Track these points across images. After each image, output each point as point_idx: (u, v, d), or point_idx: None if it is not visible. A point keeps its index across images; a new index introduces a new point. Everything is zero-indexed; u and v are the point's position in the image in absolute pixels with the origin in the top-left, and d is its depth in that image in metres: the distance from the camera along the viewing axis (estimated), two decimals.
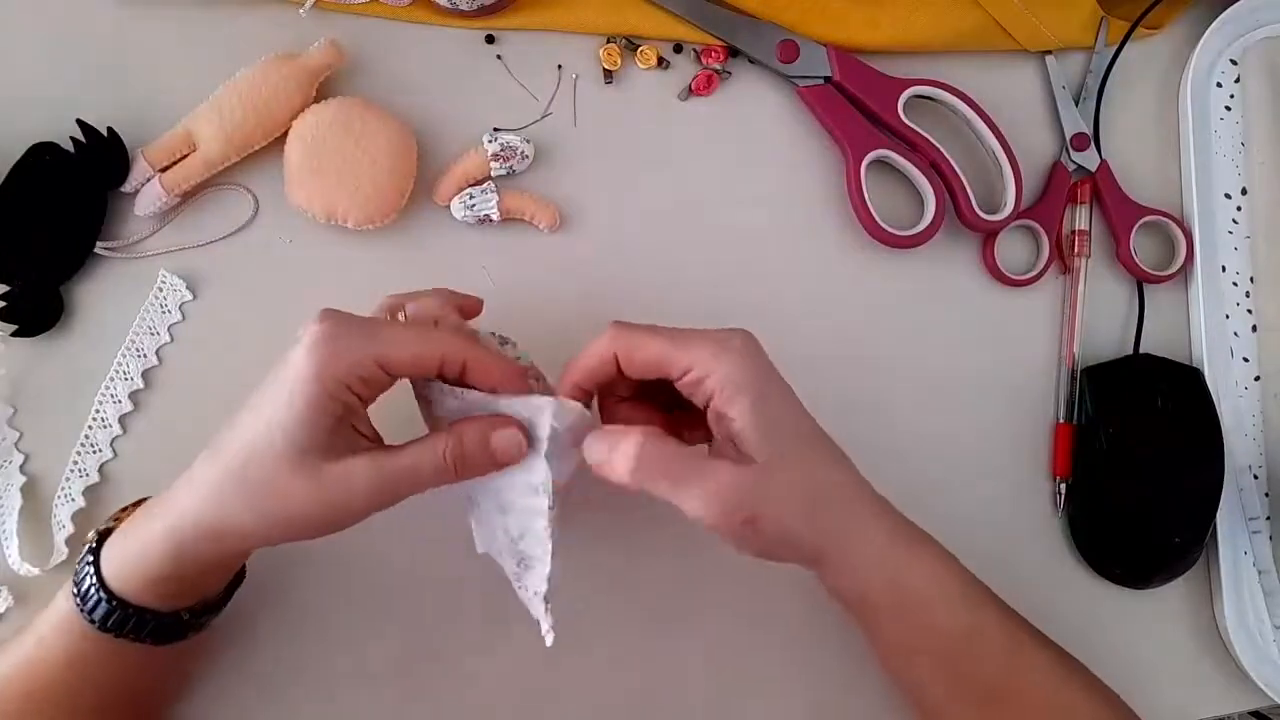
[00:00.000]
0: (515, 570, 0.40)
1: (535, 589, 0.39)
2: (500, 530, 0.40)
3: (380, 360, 0.35)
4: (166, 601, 0.36)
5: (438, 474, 0.36)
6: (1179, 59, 0.57)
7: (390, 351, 0.35)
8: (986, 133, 0.52)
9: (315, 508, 0.34)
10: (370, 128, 0.46)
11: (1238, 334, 0.54)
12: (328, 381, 0.34)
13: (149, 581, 0.35)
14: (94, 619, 0.35)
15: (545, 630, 0.39)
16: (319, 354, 0.34)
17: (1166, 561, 0.50)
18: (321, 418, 0.34)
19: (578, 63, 0.51)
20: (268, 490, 0.34)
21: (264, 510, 0.34)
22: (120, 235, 0.47)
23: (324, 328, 0.35)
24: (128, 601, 0.35)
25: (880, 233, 0.51)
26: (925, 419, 0.52)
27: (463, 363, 0.36)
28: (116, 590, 0.35)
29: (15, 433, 0.45)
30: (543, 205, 0.49)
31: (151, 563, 0.35)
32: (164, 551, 0.35)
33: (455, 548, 0.46)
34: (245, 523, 0.35)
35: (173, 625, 0.37)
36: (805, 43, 0.52)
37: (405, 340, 0.36)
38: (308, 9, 0.48)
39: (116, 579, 0.35)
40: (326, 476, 0.34)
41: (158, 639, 0.37)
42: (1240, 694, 0.51)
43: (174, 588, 0.36)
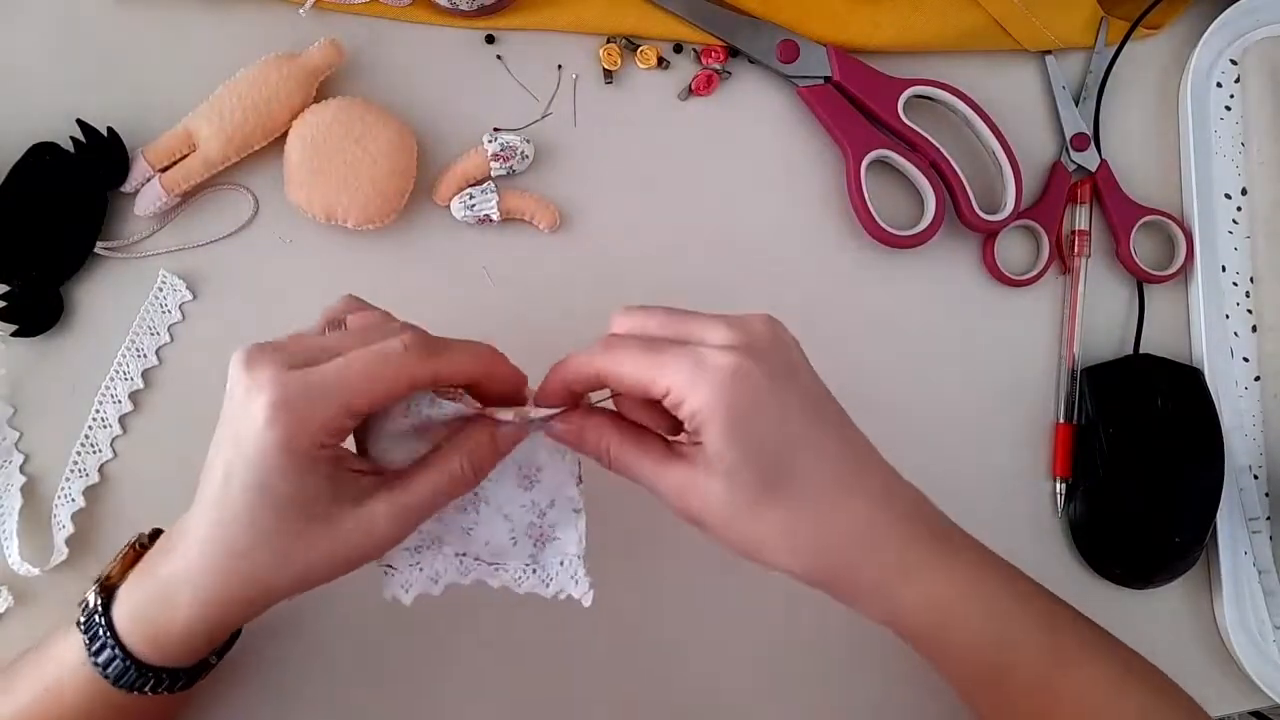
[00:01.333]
0: (532, 552, 0.40)
1: (562, 556, 0.39)
2: (527, 510, 0.39)
3: (348, 409, 0.33)
4: (185, 660, 0.36)
5: (456, 489, 0.36)
6: (1179, 59, 0.57)
7: (351, 396, 0.33)
8: (986, 133, 0.52)
9: (342, 555, 0.34)
10: (370, 128, 0.46)
11: (1238, 334, 0.54)
12: (301, 447, 0.32)
13: (186, 651, 0.35)
14: (109, 675, 0.35)
15: (585, 592, 0.39)
16: (283, 426, 0.32)
17: (1166, 561, 0.50)
18: (309, 478, 0.33)
19: (578, 63, 0.51)
20: (290, 556, 0.34)
21: (290, 572, 0.34)
22: (120, 235, 0.47)
23: (277, 394, 0.32)
24: (158, 667, 0.35)
25: (880, 233, 0.51)
26: (925, 419, 0.52)
27: (431, 378, 0.35)
28: (138, 654, 0.35)
29: (15, 433, 0.45)
30: (543, 205, 0.49)
31: (186, 637, 0.35)
32: (199, 628, 0.35)
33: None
34: (274, 585, 0.34)
35: (200, 672, 0.37)
36: (805, 43, 0.52)
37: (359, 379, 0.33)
38: (308, 9, 0.48)
39: (144, 649, 0.35)
40: (343, 527, 0.34)
41: (186, 686, 0.37)
42: (1240, 694, 0.51)
43: (190, 647, 0.36)
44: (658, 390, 0.34)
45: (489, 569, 0.40)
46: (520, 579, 0.40)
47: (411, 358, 0.34)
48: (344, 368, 0.33)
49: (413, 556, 0.40)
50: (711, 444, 0.34)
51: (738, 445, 0.33)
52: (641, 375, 0.34)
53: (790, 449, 0.35)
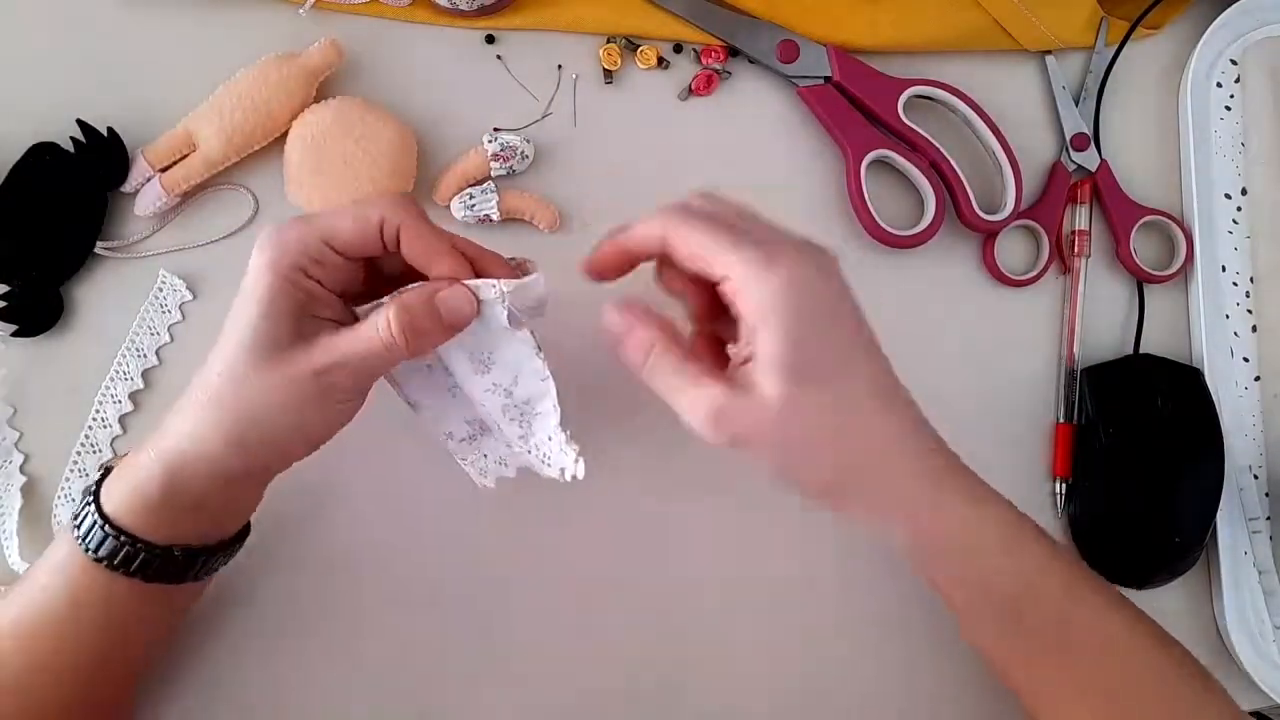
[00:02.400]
0: (521, 434, 0.40)
1: (549, 431, 0.39)
2: (492, 393, 0.39)
3: (325, 237, 0.36)
4: (163, 532, 0.36)
5: (386, 349, 0.36)
6: (1179, 59, 0.57)
7: (332, 225, 0.36)
8: (986, 133, 0.52)
9: (288, 400, 0.35)
10: (370, 128, 0.46)
11: (1238, 334, 0.54)
12: (281, 269, 0.35)
13: (145, 507, 0.36)
14: (90, 548, 0.35)
15: (574, 463, 0.39)
16: (267, 248, 0.36)
17: (1166, 561, 0.50)
18: (281, 307, 0.35)
19: (578, 63, 0.51)
20: (244, 393, 0.35)
21: (242, 414, 0.35)
22: (120, 235, 0.47)
23: (273, 226, 0.36)
24: (122, 528, 0.36)
25: (880, 233, 0.51)
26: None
27: (397, 227, 0.36)
28: (114, 517, 0.36)
29: (15, 433, 0.45)
30: (543, 205, 0.49)
31: (146, 489, 0.36)
32: (157, 477, 0.35)
33: (454, 545, 0.46)
34: (230, 433, 0.35)
35: (165, 561, 0.37)
36: (805, 43, 0.52)
37: (344, 212, 0.36)
38: (308, 9, 0.48)
39: (114, 509, 0.36)
40: (292, 364, 0.35)
41: (148, 572, 0.36)
42: (1240, 694, 0.51)
43: (169, 515, 0.36)
44: (719, 269, 0.35)
45: (513, 453, 0.42)
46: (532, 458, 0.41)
47: (389, 202, 0.36)
48: (331, 209, 0.37)
49: (474, 445, 0.42)
50: (768, 345, 0.34)
51: (796, 349, 0.34)
52: (709, 249, 0.35)
53: (841, 355, 0.36)
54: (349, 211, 0.36)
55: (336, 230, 0.36)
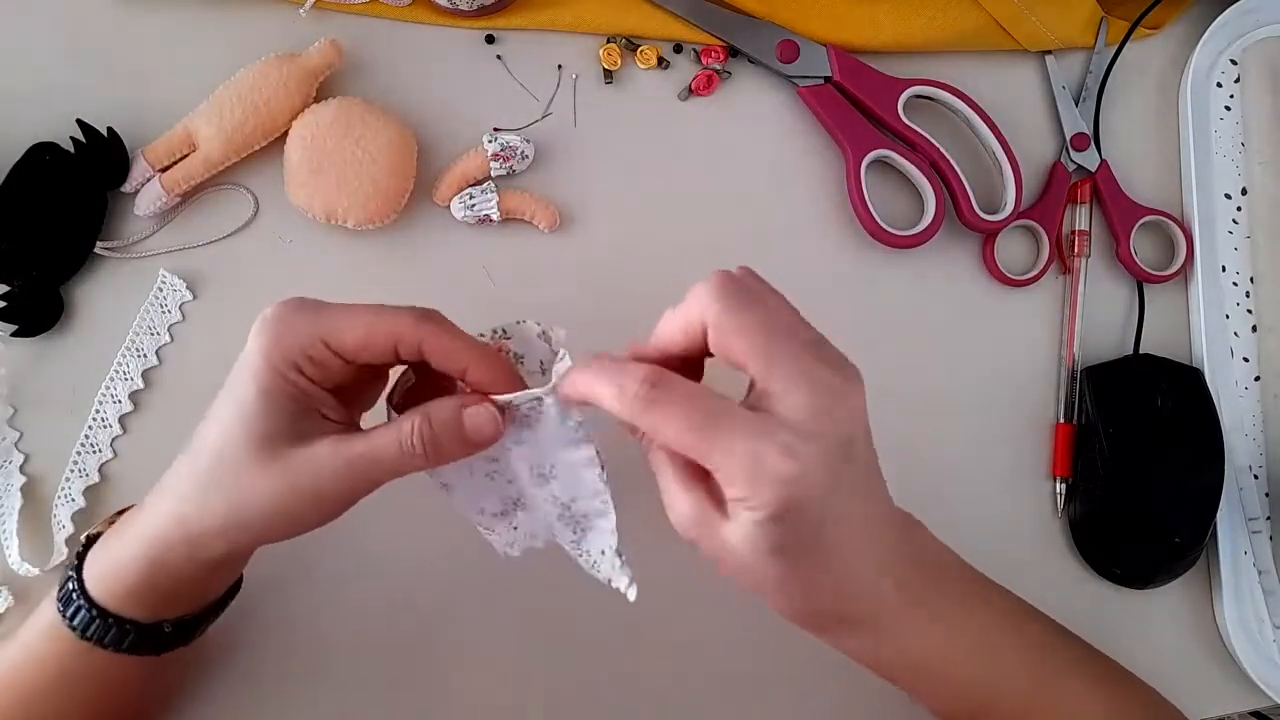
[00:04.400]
0: (574, 539, 0.39)
1: (603, 546, 0.38)
2: (547, 503, 0.38)
3: (327, 338, 0.33)
4: (147, 612, 0.35)
5: (407, 458, 0.34)
6: (1179, 59, 0.57)
7: (337, 327, 0.33)
8: (986, 133, 0.52)
9: (282, 498, 0.33)
10: (370, 128, 0.46)
11: (1238, 334, 0.54)
12: (276, 363, 0.33)
13: (127, 591, 0.34)
14: (74, 626, 0.35)
15: (627, 586, 0.37)
16: (265, 336, 0.33)
17: (1166, 561, 0.50)
18: (277, 402, 0.33)
19: (578, 63, 0.51)
20: (234, 483, 0.33)
21: (232, 504, 0.33)
22: (120, 235, 0.47)
23: (273, 311, 0.34)
24: (107, 611, 0.34)
25: (880, 233, 0.51)
26: (925, 419, 0.52)
27: (418, 344, 0.34)
28: (97, 598, 0.34)
29: (15, 433, 0.45)
30: (543, 205, 0.49)
31: (128, 571, 0.34)
32: (139, 559, 0.34)
33: (451, 549, 0.46)
34: (215, 522, 0.33)
35: (154, 637, 0.36)
36: (805, 43, 0.52)
37: (354, 317, 0.34)
38: (308, 9, 0.48)
39: (98, 587, 0.35)
40: (290, 463, 0.33)
41: (138, 650, 0.36)
42: (1240, 694, 0.51)
43: (152, 597, 0.35)
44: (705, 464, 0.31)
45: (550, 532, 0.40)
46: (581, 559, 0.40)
47: (408, 316, 0.34)
48: (345, 307, 0.34)
49: (506, 520, 0.40)
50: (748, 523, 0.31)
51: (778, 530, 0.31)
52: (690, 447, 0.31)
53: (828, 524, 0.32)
54: (361, 316, 0.34)
55: (342, 334, 0.33)
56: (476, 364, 0.35)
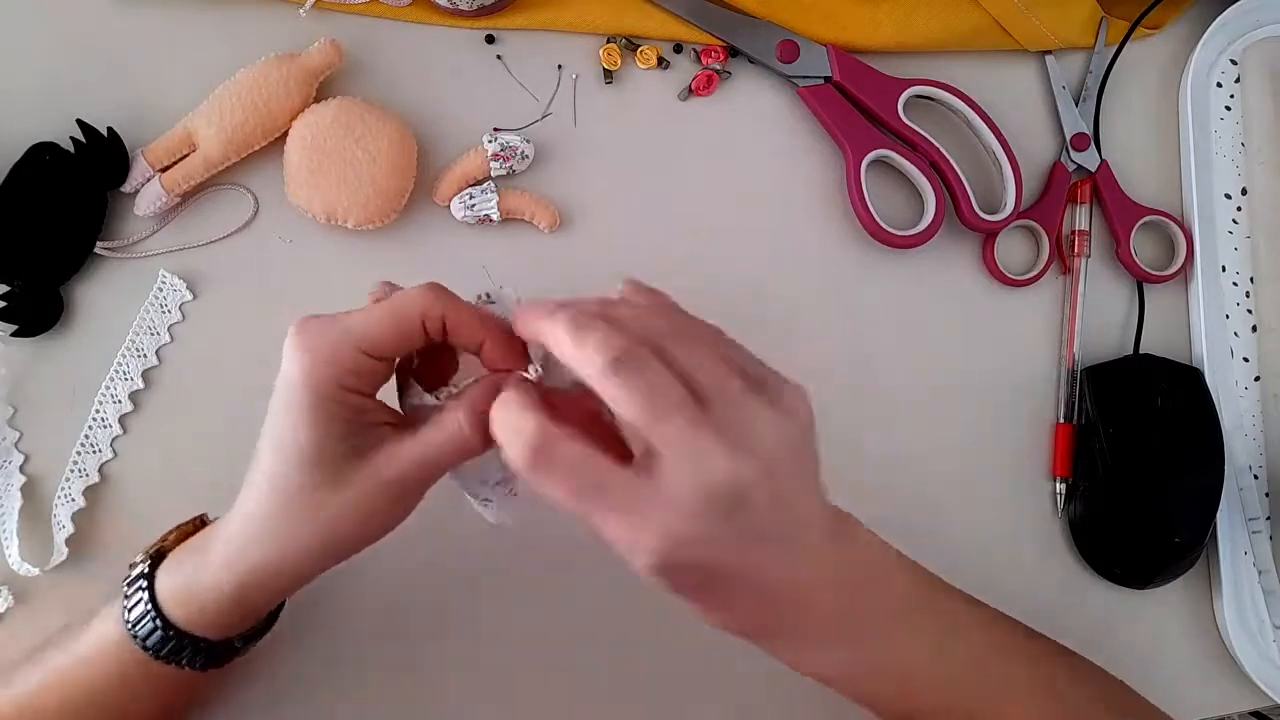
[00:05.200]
0: None
1: None
2: None
3: (362, 346, 0.34)
4: (220, 631, 0.36)
5: (466, 445, 0.34)
6: (1179, 59, 0.57)
7: (368, 333, 0.34)
8: (986, 133, 0.52)
9: (361, 511, 0.34)
10: (370, 128, 0.46)
11: (1238, 334, 0.54)
12: (321, 384, 0.33)
13: (216, 617, 0.35)
14: (149, 646, 0.35)
15: None
16: (301, 362, 0.33)
17: (1166, 561, 0.50)
18: (329, 425, 0.33)
19: (578, 63, 0.51)
20: (310, 508, 0.34)
21: (313, 529, 0.34)
22: (120, 235, 0.47)
23: (300, 337, 0.34)
24: (186, 633, 0.35)
25: (880, 233, 0.51)
26: (925, 419, 0.52)
27: (441, 317, 0.35)
28: (177, 621, 0.35)
29: (15, 433, 0.45)
30: (543, 205, 0.49)
31: (211, 597, 0.35)
32: (225, 588, 0.35)
33: (450, 549, 0.46)
34: (297, 544, 0.34)
35: (225, 652, 0.37)
36: (805, 43, 0.52)
37: (378, 316, 0.34)
38: (308, 9, 0.48)
39: (173, 610, 0.35)
40: (360, 476, 0.34)
41: (208, 665, 0.37)
42: (1240, 694, 0.51)
43: (233, 620, 0.36)
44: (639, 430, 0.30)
45: None
46: None
47: (426, 293, 0.35)
48: (363, 311, 0.35)
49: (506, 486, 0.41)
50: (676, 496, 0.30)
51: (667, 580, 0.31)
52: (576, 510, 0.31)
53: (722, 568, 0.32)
54: (385, 314, 0.34)
55: (375, 338, 0.34)
56: (492, 339, 0.36)
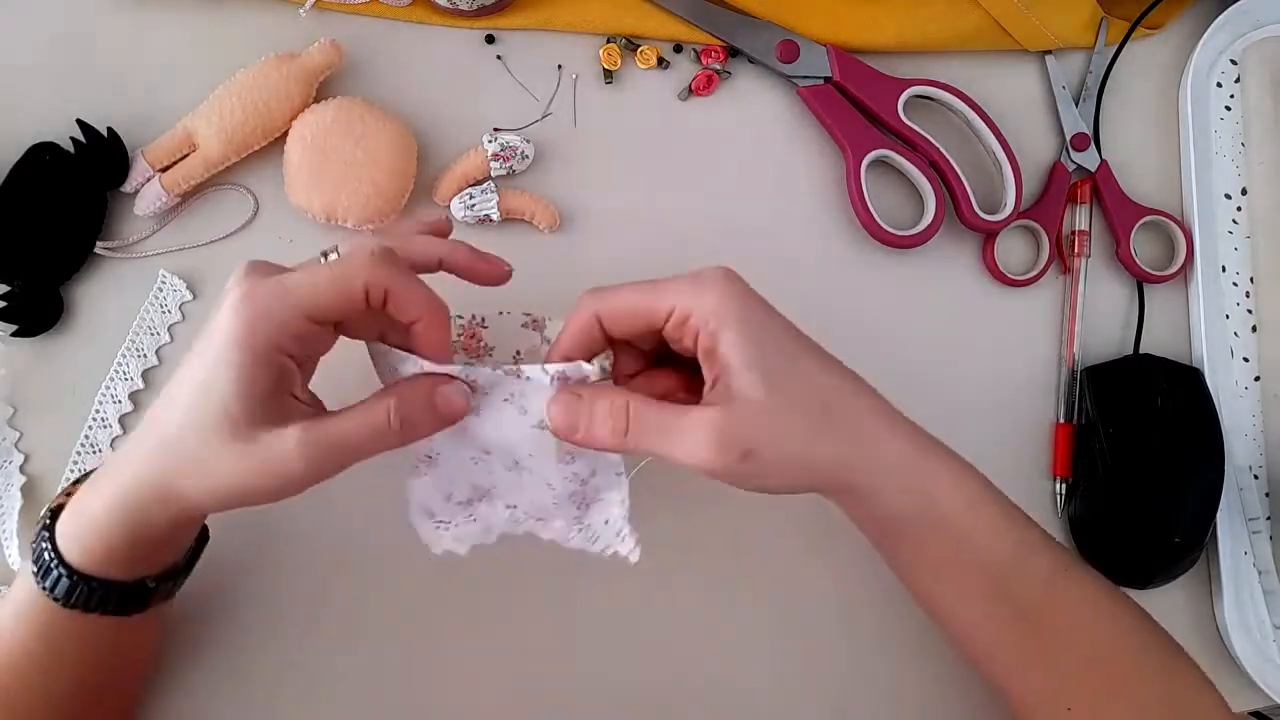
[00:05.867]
0: (576, 514, 0.41)
1: (607, 516, 0.40)
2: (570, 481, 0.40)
3: (308, 312, 0.34)
4: (128, 570, 0.36)
5: (381, 438, 0.35)
6: (1179, 59, 0.57)
7: (314, 298, 0.34)
8: (986, 133, 0.52)
9: (252, 479, 0.34)
10: (370, 128, 0.46)
11: (1238, 334, 0.54)
12: (259, 345, 0.33)
13: (107, 552, 0.35)
14: (57, 596, 0.35)
15: (631, 549, 0.40)
16: (244, 316, 0.33)
17: (1166, 561, 0.50)
18: (254, 384, 0.33)
19: (578, 63, 0.51)
20: (204, 461, 0.34)
21: (203, 481, 0.34)
22: (120, 235, 0.47)
23: (245, 288, 0.34)
24: (89, 575, 0.35)
25: (880, 233, 0.51)
26: (925, 419, 0.51)
27: (384, 291, 0.35)
28: (76, 565, 0.35)
29: (15, 433, 0.45)
30: (543, 205, 0.49)
31: (105, 533, 0.35)
32: (115, 520, 0.35)
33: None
34: (186, 491, 0.34)
35: (138, 594, 0.37)
36: (805, 43, 0.52)
37: (324, 282, 0.34)
38: (308, 9, 0.48)
39: (74, 553, 0.35)
40: (261, 445, 0.33)
41: (124, 609, 0.36)
42: (1240, 694, 0.51)
43: (132, 554, 0.36)
44: (662, 310, 0.36)
45: (538, 523, 0.42)
46: (569, 535, 0.41)
47: (373, 262, 0.35)
48: (310, 272, 0.35)
49: (467, 509, 0.41)
50: (735, 346, 0.35)
51: (758, 340, 0.36)
52: (642, 299, 0.37)
53: (798, 345, 0.38)
54: (327, 277, 0.34)
55: (317, 302, 0.34)
56: (429, 318, 0.36)
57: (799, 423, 0.36)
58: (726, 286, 0.36)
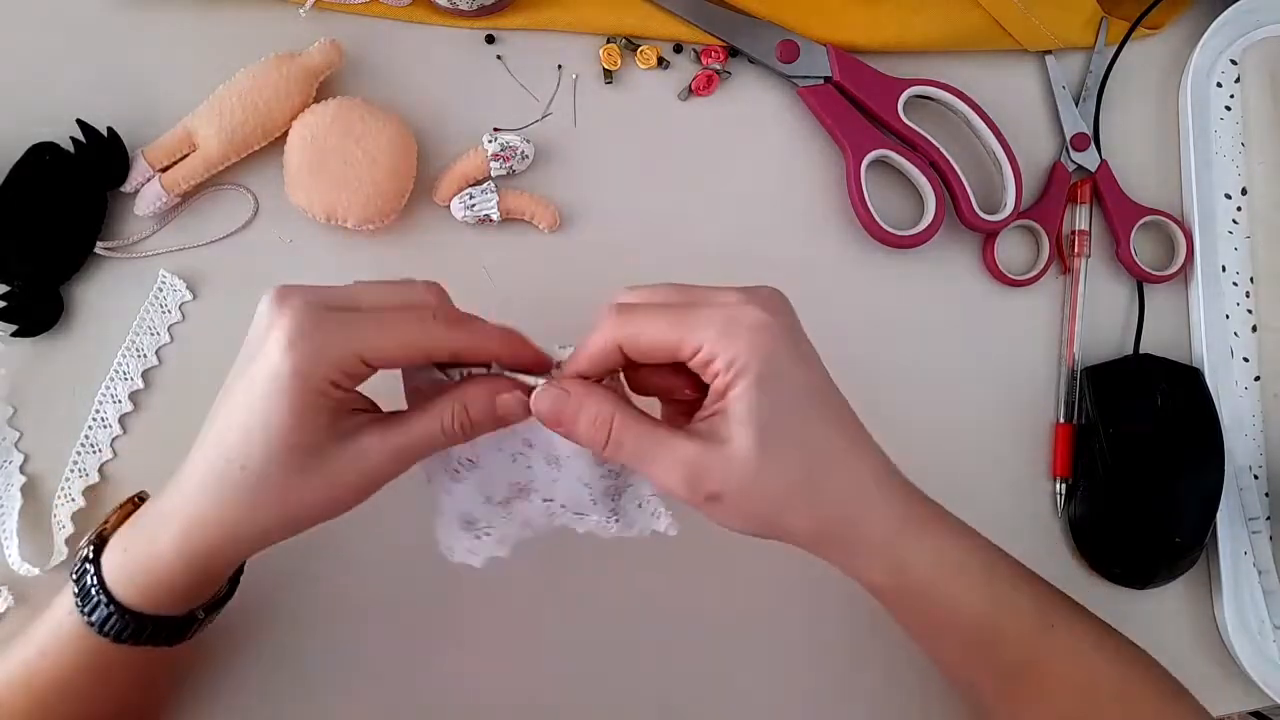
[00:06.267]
0: (611, 505, 0.41)
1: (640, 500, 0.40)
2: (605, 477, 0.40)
3: (365, 356, 0.33)
4: (182, 606, 0.36)
5: (447, 439, 0.36)
6: (1179, 59, 0.57)
7: (374, 346, 0.34)
8: (986, 133, 0.52)
9: (334, 496, 0.34)
10: (370, 128, 0.46)
11: (1238, 334, 0.54)
12: (313, 380, 0.33)
13: (166, 593, 0.35)
14: (106, 632, 0.35)
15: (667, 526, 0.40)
16: (298, 352, 0.32)
17: (1166, 561, 0.50)
18: (314, 416, 0.33)
19: (578, 63, 0.51)
20: (279, 492, 0.33)
21: (281, 510, 0.34)
22: (120, 235, 0.47)
23: (297, 321, 0.33)
24: (139, 613, 0.35)
25: (880, 233, 0.51)
26: (925, 419, 0.52)
27: (451, 351, 0.35)
28: (126, 602, 0.35)
29: (15, 433, 0.45)
30: (543, 205, 0.49)
31: (166, 576, 0.34)
32: (179, 566, 0.34)
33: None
34: (260, 523, 0.34)
35: (187, 625, 0.37)
36: (805, 43, 0.52)
37: (387, 333, 0.34)
38: (308, 9, 0.48)
39: (126, 592, 0.35)
40: (336, 464, 0.34)
41: (172, 640, 0.37)
42: (1240, 694, 0.51)
43: (189, 593, 0.36)
44: (688, 348, 0.34)
45: (575, 516, 0.41)
46: (607, 526, 0.41)
47: (437, 325, 0.35)
48: (370, 314, 0.34)
49: (505, 509, 0.41)
50: (742, 399, 0.34)
51: (769, 398, 0.34)
52: (668, 335, 0.34)
53: (811, 403, 0.36)
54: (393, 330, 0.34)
55: (377, 351, 0.34)
56: (503, 351, 0.37)
57: (779, 489, 0.35)
58: (758, 337, 0.34)
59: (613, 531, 0.41)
